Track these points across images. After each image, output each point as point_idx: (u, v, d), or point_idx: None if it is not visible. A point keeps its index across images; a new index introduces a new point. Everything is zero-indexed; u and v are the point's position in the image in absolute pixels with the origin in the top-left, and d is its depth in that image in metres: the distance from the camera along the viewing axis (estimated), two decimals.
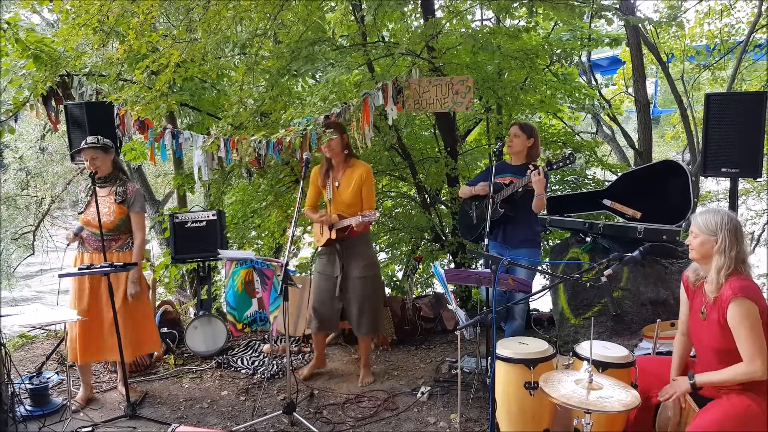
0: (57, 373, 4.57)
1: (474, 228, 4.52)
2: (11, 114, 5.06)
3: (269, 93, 4.95)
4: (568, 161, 4.01)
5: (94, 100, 5.01)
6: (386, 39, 5.98)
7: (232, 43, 5.22)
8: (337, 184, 4.20)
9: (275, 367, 4.69)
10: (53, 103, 5.10)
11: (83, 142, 4.03)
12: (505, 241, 4.19)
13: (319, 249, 4.38)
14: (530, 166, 3.99)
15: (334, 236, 4.14)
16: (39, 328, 5.70)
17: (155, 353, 4.88)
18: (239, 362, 4.83)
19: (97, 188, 3.97)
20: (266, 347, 5.01)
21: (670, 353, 3.12)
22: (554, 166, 4.07)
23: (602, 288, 3.82)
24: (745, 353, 2.49)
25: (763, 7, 6.94)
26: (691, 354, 2.99)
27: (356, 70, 5.68)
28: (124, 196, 4.03)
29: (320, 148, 4.23)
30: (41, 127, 9.05)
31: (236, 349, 5.11)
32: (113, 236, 4.05)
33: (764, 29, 7.47)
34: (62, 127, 5.32)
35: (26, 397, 4.03)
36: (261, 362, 4.81)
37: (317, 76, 6.00)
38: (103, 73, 5.23)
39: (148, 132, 4.91)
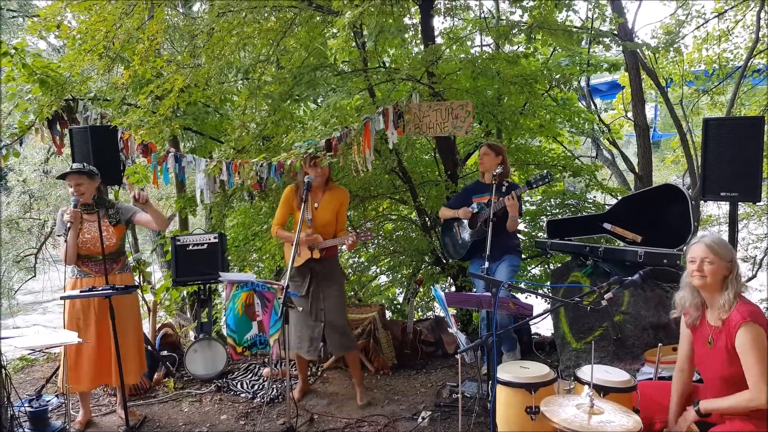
0: (56, 396, 4.54)
1: (462, 247, 4.67)
2: (16, 138, 5.12)
3: (271, 117, 5.01)
4: (546, 179, 4.29)
5: (98, 124, 5.07)
6: (387, 64, 6.06)
7: (235, 68, 5.30)
8: (316, 205, 4.24)
9: (275, 391, 4.66)
10: (58, 126, 5.16)
11: (69, 168, 4.05)
12: (490, 258, 4.25)
13: (291, 272, 4.31)
14: (506, 187, 4.33)
15: (317, 256, 4.18)
16: (39, 351, 5.68)
17: (155, 376, 4.87)
18: (239, 386, 4.80)
19: (84, 215, 3.98)
20: (266, 371, 4.98)
21: (672, 378, 3.10)
22: (533, 185, 4.33)
23: (602, 312, 3.83)
24: (750, 379, 2.48)
25: (761, 33, 7.03)
26: (695, 379, 2.97)
27: (357, 95, 5.74)
28: (118, 216, 4.06)
29: (308, 170, 4.22)
30: (45, 150, 9.12)
31: (236, 373, 5.08)
32: (114, 259, 4.07)
33: (762, 54, 7.55)
34: (66, 150, 5.38)
35: (26, 420, 4.00)
36: (261, 386, 4.78)
37: (319, 101, 6.07)
38: (108, 98, 5.30)
39: (152, 155, 4.95)
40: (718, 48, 8.59)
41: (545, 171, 4.43)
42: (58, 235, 4.04)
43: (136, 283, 5.21)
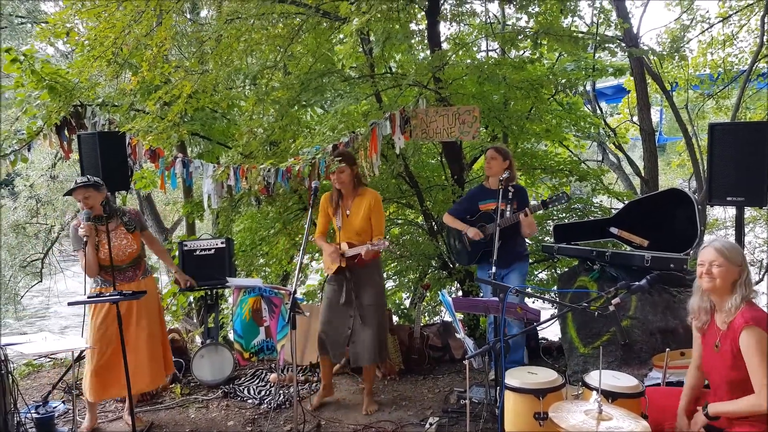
0: (63, 402, 4.56)
1: (471, 254, 4.68)
2: (24, 143, 5.14)
3: (279, 123, 5.03)
4: (563, 201, 4.28)
5: (106, 130, 5.09)
6: (394, 70, 6.08)
7: (243, 74, 5.32)
8: (348, 212, 4.24)
9: (282, 396, 4.67)
10: (66, 132, 5.19)
11: (74, 182, 4.07)
12: (498, 264, 4.24)
13: (329, 276, 4.39)
14: (512, 192, 4.30)
15: (344, 264, 4.18)
16: (46, 357, 5.70)
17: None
18: (246, 392, 4.81)
19: (98, 227, 3.95)
20: (273, 376, 4.99)
21: (680, 383, 3.09)
22: (549, 206, 4.30)
23: (610, 317, 3.82)
24: (756, 383, 2.48)
25: (765, 37, 7.03)
26: (704, 384, 2.97)
27: (364, 100, 5.76)
28: (132, 223, 4.09)
29: (329, 178, 4.26)
30: (53, 155, 9.17)
31: (243, 379, 5.09)
32: (136, 265, 4.10)
33: (767, 59, 7.54)
34: (73, 155, 5.40)
35: (32, 427, 4.01)
36: (268, 392, 4.79)
37: (326, 106, 6.09)
38: (116, 104, 5.33)
39: (159, 161, 4.98)
40: (723, 52, 8.60)
41: (562, 192, 4.40)
42: (75, 250, 4.04)
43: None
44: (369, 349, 4.24)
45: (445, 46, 5.73)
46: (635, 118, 7.75)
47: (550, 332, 6.02)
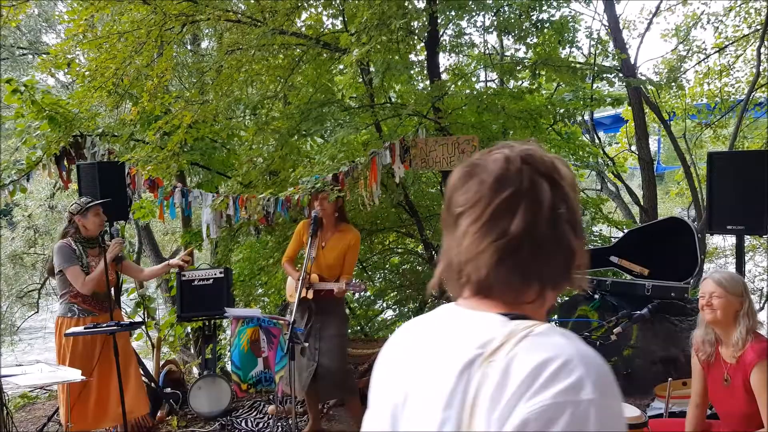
0: None
1: None
2: (24, 173, 5.15)
3: (278, 152, 5.05)
4: None
5: (106, 160, 5.11)
6: (393, 100, 6.13)
7: (243, 104, 5.36)
8: (323, 244, 4.08)
9: (280, 429, 4.58)
10: (66, 162, 5.21)
11: (91, 201, 4.01)
12: None
13: (291, 308, 4.23)
14: None
15: (310, 296, 3.98)
16: (41, 389, 5.62)
17: (158, 414, 4.80)
18: (243, 424, 4.72)
19: (89, 250, 3.90)
20: (271, 408, 4.91)
21: (683, 414, 3.04)
22: None
23: (611, 346, 3.78)
24: (765, 417, 2.44)
25: (762, 67, 7.11)
26: (708, 413, 2.93)
27: (364, 129, 5.80)
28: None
29: (313, 203, 4.20)
30: (51, 185, 9.19)
31: (240, 411, 5.00)
32: (110, 295, 4.02)
33: (763, 88, 7.62)
34: (72, 185, 5.41)
35: None
36: (266, 424, 4.71)
37: (326, 136, 6.13)
38: (116, 134, 5.36)
39: (158, 191, 4.98)
40: (720, 82, 8.69)
41: None
42: (63, 268, 3.90)
43: (139, 319, 5.18)
44: (341, 382, 4.08)
45: (444, 76, 5.79)
46: (633, 147, 7.79)
47: None
